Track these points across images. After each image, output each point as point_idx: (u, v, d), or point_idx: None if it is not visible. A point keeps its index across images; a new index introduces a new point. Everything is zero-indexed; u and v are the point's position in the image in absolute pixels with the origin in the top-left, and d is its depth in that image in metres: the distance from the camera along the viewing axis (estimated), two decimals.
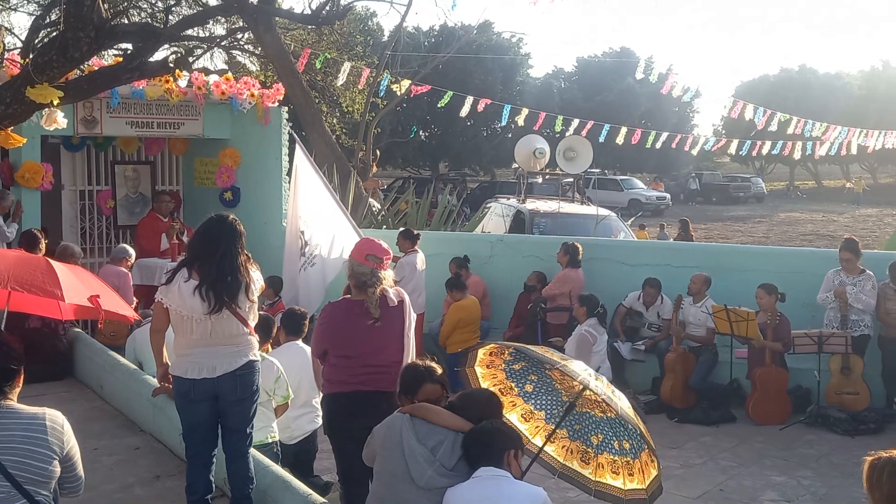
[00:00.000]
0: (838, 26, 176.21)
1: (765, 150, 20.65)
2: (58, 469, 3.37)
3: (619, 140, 18.50)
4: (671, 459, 7.36)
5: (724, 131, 51.58)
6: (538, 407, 4.63)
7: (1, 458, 3.22)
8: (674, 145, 19.51)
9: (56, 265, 5.56)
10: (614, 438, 4.46)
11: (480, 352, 4.57)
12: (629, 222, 17.45)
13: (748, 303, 8.87)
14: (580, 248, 9.97)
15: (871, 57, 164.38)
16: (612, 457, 4.45)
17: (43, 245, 8.26)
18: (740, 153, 21.59)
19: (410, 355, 5.03)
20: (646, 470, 4.28)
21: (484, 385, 4.59)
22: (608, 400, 4.15)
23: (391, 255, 5.22)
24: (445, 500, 3.75)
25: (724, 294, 9.14)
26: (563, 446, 4.55)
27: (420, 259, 9.94)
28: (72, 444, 3.46)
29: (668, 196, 43.20)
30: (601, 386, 4.19)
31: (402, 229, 10.86)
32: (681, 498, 6.66)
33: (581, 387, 4.34)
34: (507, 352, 4.58)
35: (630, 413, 4.20)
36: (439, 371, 4.39)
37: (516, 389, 4.65)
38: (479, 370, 4.59)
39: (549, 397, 4.63)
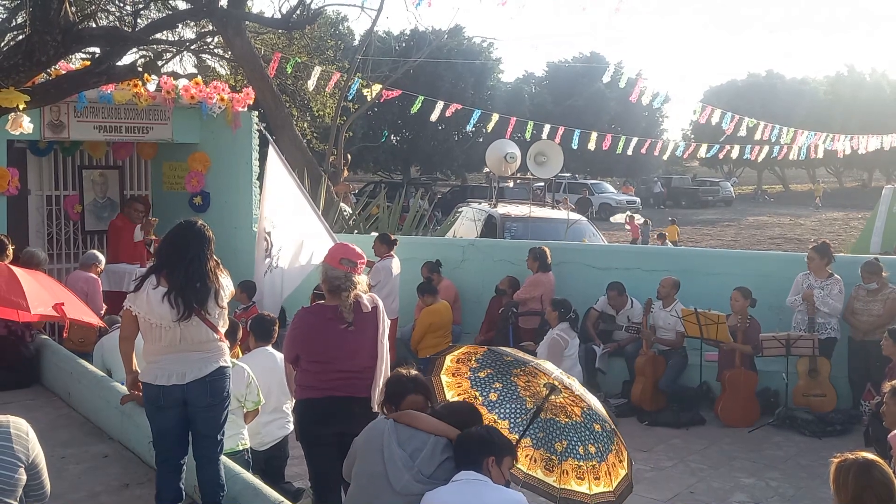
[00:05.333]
0: (805, 32, 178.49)
1: (734, 154, 20.84)
2: (24, 477, 3.33)
3: (591, 146, 18.60)
4: (641, 462, 7.40)
5: (693, 135, 52.06)
6: (502, 416, 4.63)
7: None
8: (643, 151, 19.65)
9: (18, 272, 5.47)
10: (579, 444, 4.47)
11: (448, 358, 4.57)
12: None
13: (717, 306, 8.94)
14: (548, 252, 10.02)
15: (837, 62, 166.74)
16: (576, 462, 4.46)
17: (10, 251, 8.15)
18: (708, 156, 21.79)
19: (385, 361, 5.02)
20: (613, 472, 4.30)
21: (449, 394, 4.60)
22: (583, 395, 4.17)
23: (365, 259, 5.22)
24: (423, 502, 3.75)
25: (692, 297, 9.22)
26: (527, 455, 4.55)
27: (395, 264, 9.93)
28: (37, 452, 3.43)
29: (637, 200, 43.56)
30: (575, 384, 4.20)
31: (379, 233, 10.84)
32: (651, 500, 6.70)
33: (546, 392, 4.36)
34: (474, 357, 4.57)
35: (601, 409, 4.22)
36: (423, 382, 4.42)
37: (480, 399, 4.65)
38: (444, 379, 4.60)
39: (514, 405, 4.63)
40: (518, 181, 22.43)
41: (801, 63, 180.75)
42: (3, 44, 18.65)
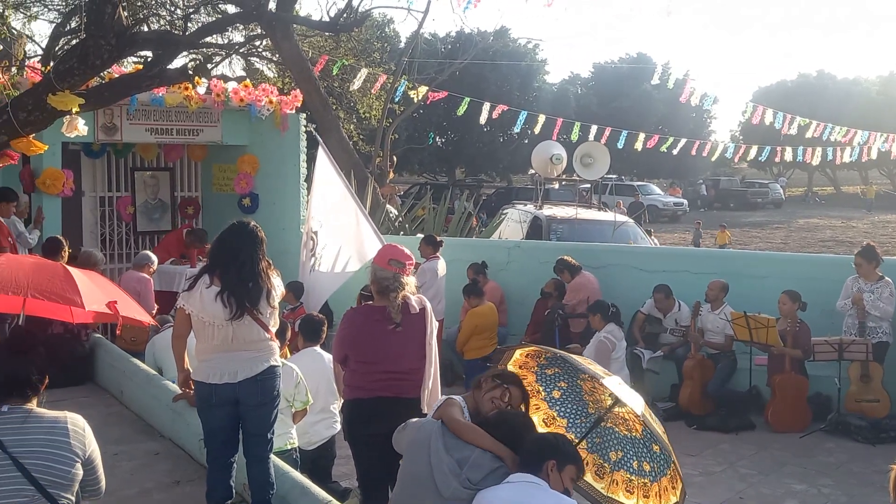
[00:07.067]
0: (858, 31, 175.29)
1: (786, 157, 20.50)
2: (80, 472, 3.39)
3: (638, 146, 18.45)
4: (689, 467, 7.32)
5: (741, 137, 51.35)
6: (561, 414, 4.60)
7: (25, 462, 3.25)
8: (693, 152, 19.45)
9: (73, 271, 5.59)
10: (634, 458, 4.41)
11: (518, 352, 4.56)
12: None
13: (766, 309, 8.82)
14: (568, 258, 10.01)
15: (890, 61, 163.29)
16: (628, 475, 4.40)
17: (66, 252, 8.32)
18: (759, 159, 21.42)
19: (434, 363, 5.03)
20: (664, 496, 4.22)
21: None
22: (644, 420, 4.10)
23: (414, 260, 5.22)
24: (476, 501, 3.73)
25: (741, 300, 9.10)
26: None
27: (441, 265, 9.95)
28: (93, 448, 3.49)
29: (685, 202, 43.05)
30: (640, 406, 4.12)
31: (424, 235, 10.87)
32: None
33: (611, 402, 4.31)
34: (544, 355, 4.55)
35: (664, 436, 4.13)
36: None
37: (543, 393, 4.63)
38: (510, 369, 4.58)
39: (575, 406, 4.60)
40: (564, 183, 22.33)
41: (853, 63, 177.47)
42: (58, 48, 19.05)
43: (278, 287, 4.91)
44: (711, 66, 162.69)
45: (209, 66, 19.15)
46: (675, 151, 19.19)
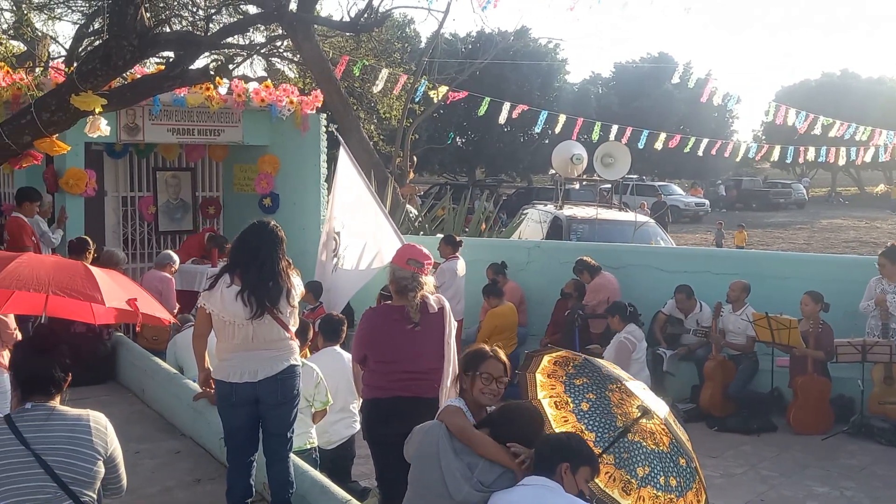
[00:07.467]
0: (884, 30, 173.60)
1: (810, 157, 20.30)
2: (102, 469, 3.42)
3: (658, 146, 18.37)
4: (711, 468, 7.27)
5: (764, 136, 50.99)
6: (590, 428, 4.52)
7: (47, 460, 3.28)
8: (713, 152, 19.33)
9: (94, 270, 5.64)
10: (661, 473, 4.34)
11: (546, 358, 4.48)
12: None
13: (787, 310, 8.76)
14: (588, 259, 9.99)
15: None
16: (655, 492, 4.34)
17: (91, 253, 8.39)
18: (786, 160, 21.18)
19: (452, 363, 5.02)
20: None
21: (541, 394, 4.49)
22: (668, 426, 4.06)
23: (432, 260, 5.22)
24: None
25: (762, 301, 9.04)
26: (607, 472, 4.41)
27: (461, 265, 9.95)
28: (115, 446, 3.52)
29: (707, 202, 42.78)
30: (662, 411, 4.08)
31: (444, 235, 10.88)
32: None
33: (638, 413, 4.27)
34: (572, 364, 4.48)
35: (688, 445, 4.09)
36: (503, 355, 4.31)
37: (571, 405, 4.55)
38: (539, 377, 4.50)
39: (603, 420, 4.52)
40: (584, 183, 22.27)
41: (878, 62, 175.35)
42: (81, 49, 19.22)
43: (298, 286, 4.93)
44: (733, 66, 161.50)
45: (230, 66, 19.27)
46: (699, 152, 19.05)
